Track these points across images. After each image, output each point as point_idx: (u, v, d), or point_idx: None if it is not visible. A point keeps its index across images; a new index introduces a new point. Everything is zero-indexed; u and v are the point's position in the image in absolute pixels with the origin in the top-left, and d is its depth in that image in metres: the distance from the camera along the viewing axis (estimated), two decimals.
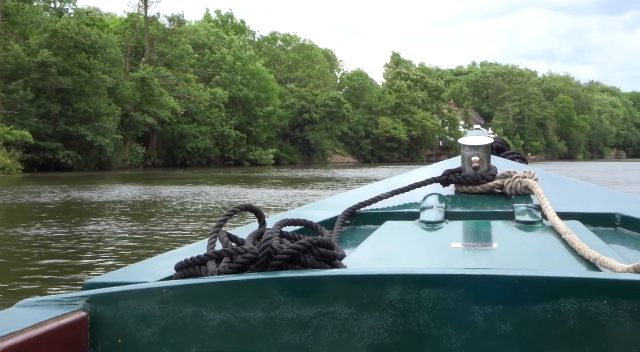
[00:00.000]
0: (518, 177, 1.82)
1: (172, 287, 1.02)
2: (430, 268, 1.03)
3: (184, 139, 50.59)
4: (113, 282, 1.21)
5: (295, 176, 34.41)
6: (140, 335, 1.01)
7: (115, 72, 43.26)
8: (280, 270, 1.10)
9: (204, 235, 9.16)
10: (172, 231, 10.56)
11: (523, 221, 1.62)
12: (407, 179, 2.13)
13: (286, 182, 27.20)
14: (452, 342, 0.94)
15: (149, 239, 9.70)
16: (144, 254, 7.91)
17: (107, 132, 41.13)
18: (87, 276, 6.62)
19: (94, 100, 40.44)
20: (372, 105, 75.19)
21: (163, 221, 12.11)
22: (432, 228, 1.62)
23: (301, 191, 20.78)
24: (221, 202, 16.50)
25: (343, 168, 49.59)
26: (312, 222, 1.56)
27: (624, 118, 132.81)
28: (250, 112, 57.15)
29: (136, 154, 47.47)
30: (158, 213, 13.83)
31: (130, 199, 17.68)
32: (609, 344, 0.91)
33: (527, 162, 2.69)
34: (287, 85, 69.46)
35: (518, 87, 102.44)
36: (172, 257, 1.38)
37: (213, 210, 14.39)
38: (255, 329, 0.98)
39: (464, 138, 1.97)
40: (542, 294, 0.93)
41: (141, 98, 45.43)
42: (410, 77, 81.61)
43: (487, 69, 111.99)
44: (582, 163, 72.61)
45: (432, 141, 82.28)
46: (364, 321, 0.96)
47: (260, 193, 20.02)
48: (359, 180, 29.14)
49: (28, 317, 0.98)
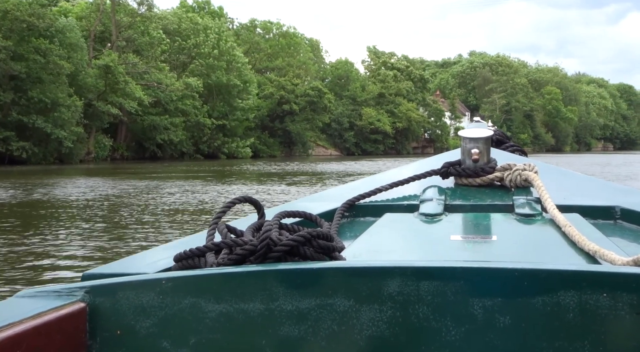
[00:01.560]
0: (518, 170, 1.82)
1: (171, 278, 1.03)
2: (429, 261, 1.03)
3: (155, 131, 47.69)
4: (112, 273, 1.21)
5: (268, 170, 32.45)
6: (139, 326, 1.01)
7: (76, 58, 39.95)
8: (279, 262, 1.11)
9: (140, 247, 8.08)
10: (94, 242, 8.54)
11: (523, 213, 1.62)
12: (406, 171, 2.13)
13: (256, 178, 25.04)
14: (451, 334, 0.94)
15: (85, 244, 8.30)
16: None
17: (66, 124, 37.99)
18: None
19: (51, 89, 37.16)
20: (356, 96, 72.93)
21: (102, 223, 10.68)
22: (431, 221, 1.62)
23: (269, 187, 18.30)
24: (167, 202, 13.82)
25: (324, 161, 47.65)
26: (311, 214, 1.56)
27: (611, 110, 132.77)
28: (228, 102, 54.19)
29: (103, 147, 44.55)
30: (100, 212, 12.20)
31: (79, 196, 15.87)
32: (608, 337, 0.92)
33: (527, 155, 2.63)
34: (266, 74, 66.50)
35: (505, 79, 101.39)
36: (171, 248, 1.38)
37: (155, 213, 12.07)
38: (255, 320, 0.99)
39: (464, 130, 1.97)
40: (542, 286, 0.93)
41: (105, 87, 42.21)
42: (395, 66, 79.27)
43: (474, 60, 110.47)
44: (573, 156, 71.19)
45: (417, 133, 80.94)
46: (363, 313, 0.96)
47: (223, 190, 17.76)
48: (338, 175, 26.93)
49: (27, 307, 0.98)
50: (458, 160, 1.93)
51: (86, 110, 41.14)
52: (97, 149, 43.97)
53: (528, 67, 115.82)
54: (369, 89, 75.05)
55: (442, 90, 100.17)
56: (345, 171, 30.93)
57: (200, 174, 27.89)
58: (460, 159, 1.93)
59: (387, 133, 73.50)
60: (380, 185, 1.85)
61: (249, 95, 55.70)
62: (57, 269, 6.83)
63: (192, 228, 9.96)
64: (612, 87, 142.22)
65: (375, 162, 43.79)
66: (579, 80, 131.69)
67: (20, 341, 0.89)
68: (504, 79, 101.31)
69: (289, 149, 64.62)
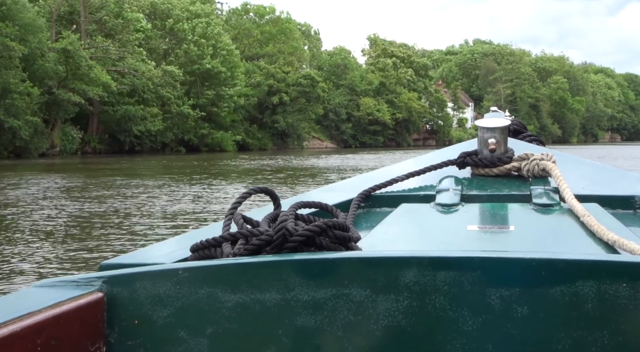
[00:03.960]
0: (535, 160, 1.80)
1: (188, 268, 1.03)
2: (446, 251, 1.03)
3: (130, 122, 43.60)
4: (129, 263, 1.22)
5: (249, 166, 29.05)
6: (156, 316, 1.02)
7: (33, 41, 35.72)
8: (295, 252, 1.11)
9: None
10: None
11: (540, 203, 1.60)
12: (422, 161, 2.12)
13: (237, 177, 21.32)
14: (468, 324, 0.94)
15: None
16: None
17: (20, 113, 33.81)
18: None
19: (0, 74, 32.97)
20: (354, 85, 68.81)
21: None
22: (448, 211, 1.60)
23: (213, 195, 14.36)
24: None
25: (317, 155, 43.76)
26: (327, 205, 1.55)
27: (619, 100, 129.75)
28: (214, 91, 50.06)
29: (70, 139, 40.46)
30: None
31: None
32: (627, 328, 0.91)
33: (544, 145, 2.57)
34: (256, 61, 62.19)
35: (510, 68, 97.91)
36: (188, 239, 1.39)
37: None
38: (271, 310, 0.99)
39: (480, 120, 1.96)
40: (560, 276, 0.92)
41: (66, 73, 37.89)
42: (396, 54, 75.15)
43: (477, 48, 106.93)
44: (584, 147, 67.00)
45: (418, 124, 77.56)
46: (379, 303, 0.97)
47: (176, 198, 13.82)
48: (319, 173, 22.76)
49: (46, 297, 0.99)
50: (475, 150, 1.91)
51: (47, 99, 37.02)
52: (64, 142, 39.91)
53: (531, 56, 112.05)
54: (369, 78, 70.93)
55: (445, 80, 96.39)
56: (339, 167, 27.85)
57: (174, 170, 24.84)
58: (477, 149, 1.91)
59: (386, 124, 70.22)
60: (397, 175, 1.83)
61: (235, 81, 51.41)
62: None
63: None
64: (619, 77, 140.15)
65: (374, 155, 40.75)
66: (585, 70, 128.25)
67: (40, 329, 0.90)
68: (509, 68, 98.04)
69: (282, 141, 60.64)
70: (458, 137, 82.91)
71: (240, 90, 51.98)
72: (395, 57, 75.25)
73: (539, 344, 0.92)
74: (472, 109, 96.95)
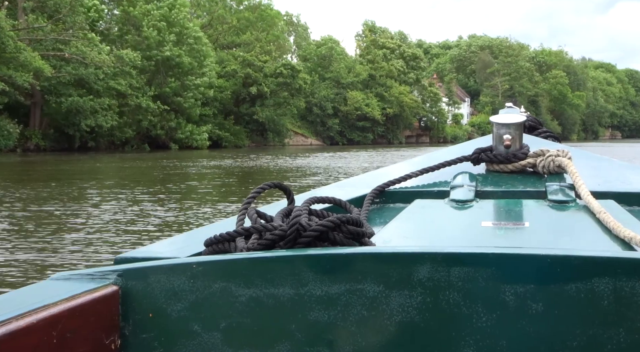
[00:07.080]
0: (551, 156, 1.79)
1: (202, 263, 1.04)
2: (460, 246, 1.03)
3: (79, 115, 38.22)
4: (143, 257, 1.24)
5: (211, 168, 24.21)
6: (171, 309, 1.03)
7: None
8: (309, 247, 1.12)
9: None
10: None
11: (556, 200, 1.59)
12: (436, 157, 2.11)
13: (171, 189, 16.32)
14: (482, 320, 0.94)
15: None
16: None
17: None
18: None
19: None
20: (340, 77, 63.33)
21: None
22: (462, 207, 1.59)
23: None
24: None
25: (297, 154, 38.49)
26: (340, 200, 1.55)
27: (620, 96, 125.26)
28: (178, 80, 44.63)
29: (6, 135, 35.09)
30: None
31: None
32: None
33: (560, 141, 2.56)
34: (231, 51, 56.69)
35: (508, 61, 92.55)
36: (202, 233, 1.39)
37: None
38: (284, 305, 1.00)
39: (495, 116, 1.94)
40: (576, 273, 0.92)
41: None
42: (386, 45, 69.79)
43: (474, 42, 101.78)
44: (584, 145, 61.96)
45: (411, 120, 72.37)
46: (393, 299, 0.97)
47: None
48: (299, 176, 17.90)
49: (61, 290, 1.00)
50: (489, 146, 1.90)
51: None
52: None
53: (529, 50, 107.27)
54: (357, 70, 65.58)
55: (440, 74, 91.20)
56: (309, 167, 23.43)
57: (120, 173, 19.57)
58: (491, 145, 1.90)
59: (376, 120, 65.45)
60: (411, 171, 1.83)
61: (203, 70, 45.86)
62: None
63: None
64: (620, 73, 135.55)
65: (368, 152, 35.53)
66: (585, 65, 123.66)
67: (55, 321, 0.92)
68: (507, 61, 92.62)
69: (262, 137, 55.42)
70: (453, 134, 77.83)
71: (209, 81, 46.47)
72: (386, 48, 70.00)
73: (553, 341, 0.92)
74: (468, 104, 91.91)
